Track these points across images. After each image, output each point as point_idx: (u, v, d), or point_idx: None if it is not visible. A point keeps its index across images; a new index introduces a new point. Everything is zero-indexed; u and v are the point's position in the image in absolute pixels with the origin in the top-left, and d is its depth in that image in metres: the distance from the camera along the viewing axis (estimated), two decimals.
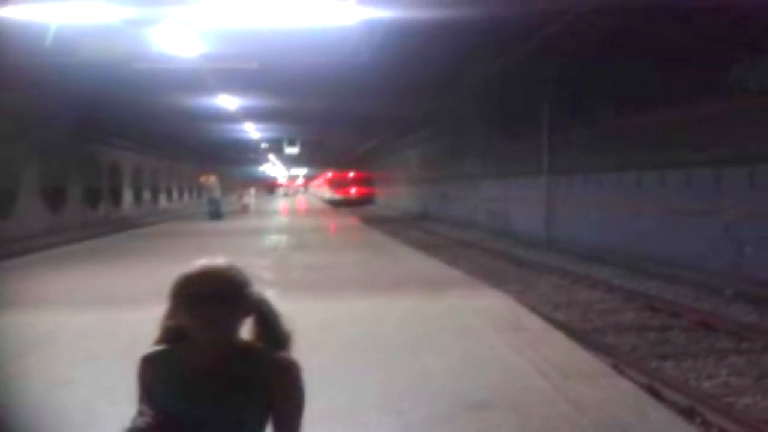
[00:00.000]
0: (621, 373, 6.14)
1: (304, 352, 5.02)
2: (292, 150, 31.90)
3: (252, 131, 29.80)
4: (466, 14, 10.80)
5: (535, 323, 5.93)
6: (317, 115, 23.27)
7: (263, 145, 36.64)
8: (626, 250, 13.64)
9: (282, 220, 25.34)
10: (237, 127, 27.86)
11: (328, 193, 54.47)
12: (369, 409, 3.81)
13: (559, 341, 5.25)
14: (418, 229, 26.14)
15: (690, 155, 11.65)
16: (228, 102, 20.91)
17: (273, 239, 15.95)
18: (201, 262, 1.70)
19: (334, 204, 45.55)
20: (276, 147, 34.95)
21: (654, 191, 12.87)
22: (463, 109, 23.78)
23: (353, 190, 50.84)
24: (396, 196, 43.45)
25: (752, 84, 10.02)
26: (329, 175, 57.52)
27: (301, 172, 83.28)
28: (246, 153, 41.74)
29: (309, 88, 17.44)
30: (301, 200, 56.01)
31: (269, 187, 74.70)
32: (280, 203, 45.95)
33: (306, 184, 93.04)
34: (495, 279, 12.24)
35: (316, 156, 50.74)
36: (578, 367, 4.47)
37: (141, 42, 11.71)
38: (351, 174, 52.18)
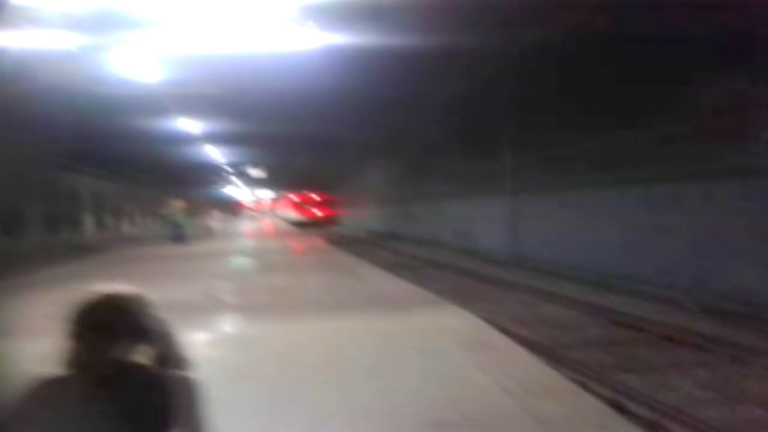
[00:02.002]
0: (586, 388, 6.17)
1: (266, 374, 4.99)
2: (257, 172, 31.74)
3: (216, 154, 29.59)
4: (426, 40, 10.92)
5: (500, 341, 5.92)
6: (282, 138, 23.22)
7: (228, 168, 36.40)
8: (591, 266, 13.79)
9: (247, 242, 25.09)
10: (201, 150, 27.64)
11: (293, 214, 54.86)
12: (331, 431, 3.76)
13: (523, 358, 5.24)
14: (384, 249, 26.10)
15: (650, 173, 11.86)
16: (191, 126, 20.76)
17: (238, 262, 15.77)
18: (99, 287, 1.73)
19: (300, 225, 45.96)
20: (241, 170, 34.74)
21: (616, 208, 13.07)
22: (428, 130, 23.94)
23: (317, 212, 51.83)
24: (363, 216, 43.47)
25: (708, 105, 10.28)
26: (294, 197, 57.97)
27: (267, 194, 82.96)
28: (210, 176, 41.41)
29: (272, 112, 17.41)
30: (267, 222, 55.61)
31: (234, 209, 74.10)
32: (246, 226, 45.58)
33: (272, 207, 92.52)
34: (461, 297, 12.23)
35: (281, 178, 50.74)
36: (543, 384, 4.46)
37: (100, 67, 11.58)
38: (315, 196, 52.71)
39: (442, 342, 5.86)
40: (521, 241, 17.54)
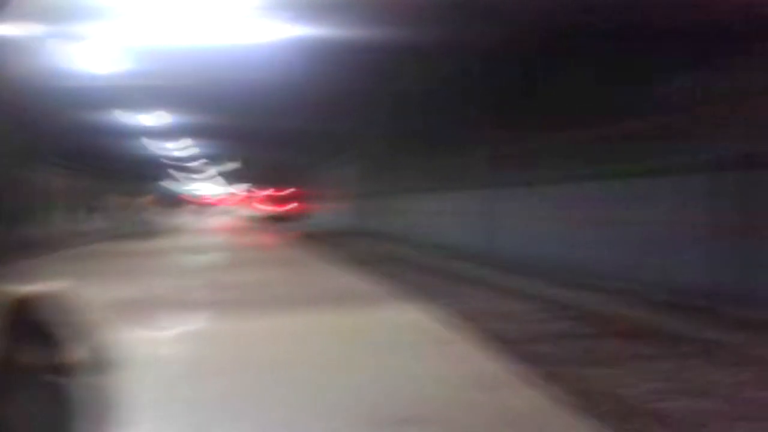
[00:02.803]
0: (552, 382, 6.19)
1: (229, 371, 4.92)
2: (226, 167, 31.41)
3: (185, 148, 29.20)
4: (397, 32, 10.86)
5: (464, 336, 5.91)
6: (251, 131, 22.98)
7: (197, 162, 35.97)
8: (560, 261, 13.89)
9: (217, 238, 24.85)
10: (169, 144, 27.24)
11: (263, 209, 54.66)
12: (292, 429, 3.70)
13: (484, 353, 5.24)
14: (354, 245, 25.99)
15: (618, 168, 11.98)
16: (159, 118, 20.43)
17: (206, 258, 15.59)
18: (33, 287, 1.68)
19: (269, 220, 45.96)
20: (210, 164, 34.34)
21: (585, 203, 13.17)
22: (400, 124, 23.89)
23: (287, 207, 51.40)
24: (334, 211, 43.27)
25: (674, 102, 10.41)
26: (265, 192, 57.79)
27: (238, 188, 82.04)
28: (179, 170, 40.89)
29: (241, 104, 17.20)
30: (237, 218, 55.15)
31: (202, 204, 73.23)
32: (215, 221, 45.13)
33: (242, 202, 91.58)
34: (430, 293, 12.22)
35: (251, 173, 50.30)
36: (507, 378, 4.45)
37: (60, 59, 11.32)
38: (285, 192, 52.82)
39: (407, 337, 5.84)
40: (491, 236, 17.60)
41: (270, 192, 56.90)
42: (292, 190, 53.92)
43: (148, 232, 24.33)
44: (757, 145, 8.86)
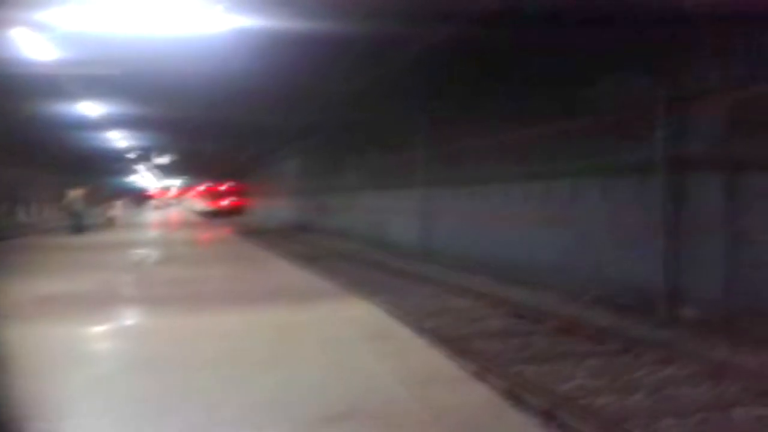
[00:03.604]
0: (484, 378, 6.27)
1: (159, 369, 4.79)
2: (163, 160, 30.69)
3: (119, 140, 28.36)
4: (339, 26, 10.78)
5: (401, 332, 5.93)
6: (189, 124, 22.46)
7: (132, 155, 35.02)
8: (497, 259, 14.10)
9: (152, 233, 24.26)
10: (103, 135, 26.41)
11: (201, 204, 54.06)
12: (222, 426, 3.63)
13: (422, 349, 5.26)
14: (295, 241, 25.87)
15: (553, 168, 12.23)
16: (91, 109, 19.77)
17: (140, 253, 15.19)
18: None
19: (208, 215, 45.73)
20: (145, 157, 33.47)
21: (520, 202, 13.41)
22: (342, 120, 23.82)
23: (226, 202, 51.45)
24: (275, 207, 42.90)
25: (605, 104, 10.67)
26: (203, 187, 57.21)
27: (175, 183, 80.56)
28: (113, 163, 39.72)
29: (179, 96, 16.80)
30: (175, 212, 54.10)
31: (140, 198, 71.42)
32: (152, 216, 44.13)
33: (180, 196, 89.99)
34: (369, 289, 12.24)
35: (189, 166, 49.49)
36: (439, 374, 4.48)
37: None
38: (224, 186, 52.71)
39: (343, 333, 5.81)
40: (432, 233, 17.74)
41: (209, 186, 56.36)
42: (231, 184, 53.48)
43: (85, 225, 23.56)
44: (687, 146, 9.18)
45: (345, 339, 5.61)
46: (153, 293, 8.86)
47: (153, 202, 72.42)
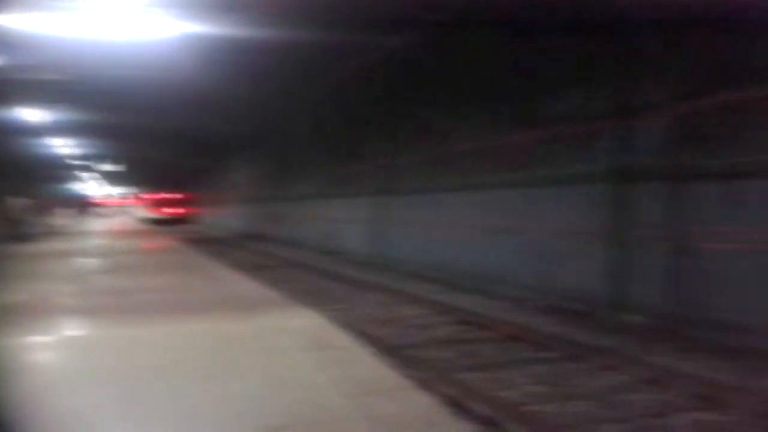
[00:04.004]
0: (428, 386, 6.24)
1: (96, 381, 4.61)
2: (109, 167, 29.95)
3: (63, 147, 27.59)
4: (290, 35, 10.72)
5: (344, 341, 5.85)
6: (137, 131, 22.04)
7: (76, 162, 34.12)
8: (448, 267, 14.15)
9: (98, 242, 23.61)
10: (46, 142, 25.67)
11: (149, 213, 53.81)
12: None
13: (365, 358, 5.20)
14: (245, 250, 25.52)
15: (502, 178, 12.35)
16: (34, 115, 19.19)
17: (83, 263, 14.76)
18: None
19: (156, 223, 45.42)
20: (93, 165, 32.64)
21: (471, 211, 13.49)
22: (294, 129, 23.69)
23: (174, 210, 51.77)
24: (227, 215, 42.37)
25: (556, 116, 10.84)
26: (155, 195, 56.94)
27: (122, 191, 79.38)
28: (57, 170, 38.65)
29: (125, 103, 16.46)
30: (122, 221, 52.88)
31: (85, 206, 69.67)
32: (99, 224, 43.05)
33: (127, 204, 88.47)
34: (318, 298, 12.15)
35: (137, 175, 48.68)
36: (381, 384, 4.42)
37: None
38: (171, 195, 53.14)
39: (285, 343, 5.70)
40: (384, 242, 17.71)
41: (160, 195, 56.02)
42: (182, 193, 53.32)
43: (29, 235, 22.80)
44: (633, 157, 9.36)
45: (287, 349, 5.51)
46: (92, 303, 8.59)
47: (99, 210, 70.75)
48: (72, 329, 7.06)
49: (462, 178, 13.81)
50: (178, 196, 53.55)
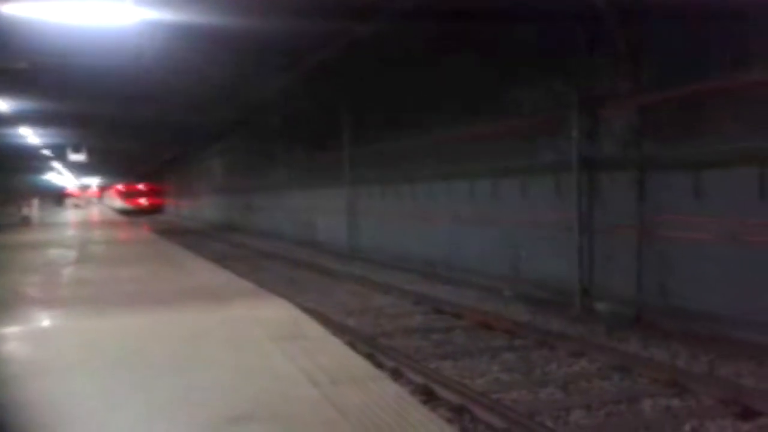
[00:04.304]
0: (401, 375, 6.27)
1: (58, 373, 4.54)
2: (78, 157, 29.43)
3: (31, 136, 27.04)
4: (254, 23, 10.58)
5: (316, 331, 5.82)
6: (103, 120, 21.62)
7: (46, 152, 33.48)
8: (422, 257, 14.18)
9: (68, 232, 23.27)
10: (13, 131, 25.13)
11: (120, 203, 54.11)
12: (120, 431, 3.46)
13: (336, 348, 5.17)
14: (219, 241, 25.36)
15: (474, 168, 12.38)
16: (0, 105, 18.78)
17: (52, 253, 14.54)
18: None
19: (126, 213, 46.35)
20: (60, 154, 32.06)
21: (444, 201, 13.52)
22: (267, 119, 23.50)
23: (144, 201, 53.46)
24: (200, 206, 42.02)
25: (524, 106, 10.88)
26: (121, 186, 58.25)
27: (94, 181, 78.57)
28: (27, 160, 37.93)
29: (90, 91, 16.12)
30: (94, 211, 52.20)
31: (58, 197, 68.68)
32: (70, 215, 42.42)
33: (100, 194, 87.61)
34: (292, 289, 12.12)
35: (109, 164, 48.16)
36: (351, 373, 4.41)
37: None
38: (141, 186, 55.19)
39: (255, 334, 5.66)
40: (359, 232, 17.70)
41: (127, 185, 56.86)
42: (147, 184, 53.92)
43: (2, 226, 22.41)
44: (599, 147, 9.44)
45: (255, 339, 5.47)
46: (62, 295, 8.47)
47: (72, 201, 69.82)
48: (39, 320, 6.95)
49: (433, 168, 13.82)
50: (149, 187, 54.86)
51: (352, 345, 6.49)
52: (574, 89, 9.58)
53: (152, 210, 52.01)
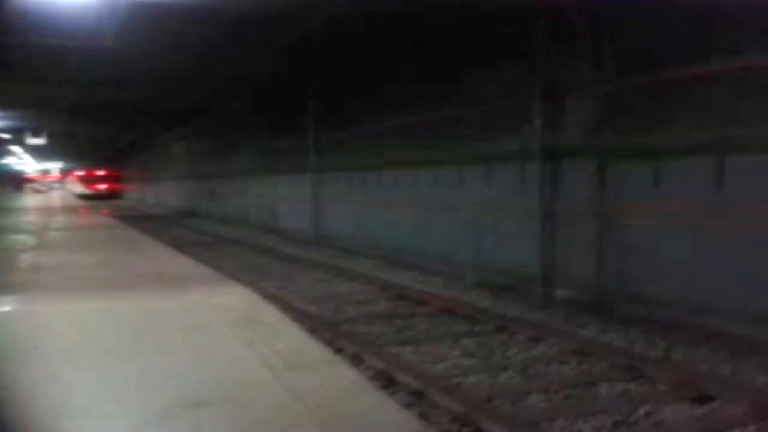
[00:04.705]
0: (360, 360, 6.26)
1: (9, 358, 4.42)
2: (37, 141, 28.75)
3: None
4: (219, 2, 10.41)
5: (276, 318, 5.79)
6: (62, 103, 21.10)
7: (3, 135, 32.61)
8: (387, 244, 14.18)
9: (26, 218, 22.75)
10: None
11: (80, 188, 58.44)
12: (71, 416, 3.40)
13: (293, 334, 5.15)
14: (182, 227, 25.05)
15: (438, 155, 12.40)
16: None
17: (9, 239, 14.21)
18: None
19: (85, 198, 47.99)
20: (19, 138, 31.28)
21: (409, 188, 13.52)
22: (232, 104, 23.22)
23: (104, 186, 55.50)
24: (164, 192, 41.41)
25: (489, 94, 10.89)
26: (82, 170, 62.29)
27: (55, 166, 77.29)
28: None
29: (47, 72, 15.69)
30: (55, 197, 51.25)
31: (18, 181, 67.23)
32: (30, 200, 41.54)
33: (62, 179, 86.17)
34: (254, 275, 12.03)
35: (71, 149, 47.26)
36: (307, 358, 4.39)
37: None
38: (100, 172, 57.41)
39: (213, 320, 5.61)
40: (324, 219, 17.62)
41: (87, 171, 58.56)
42: (114, 170, 55.40)
43: None
44: (562, 135, 9.51)
45: (213, 325, 5.42)
46: (19, 280, 8.27)
47: (34, 186, 68.51)
48: None
49: (397, 155, 13.80)
50: (108, 172, 56.84)
51: (314, 331, 6.48)
52: (536, 77, 9.62)
53: (111, 195, 53.77)
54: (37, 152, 47.39)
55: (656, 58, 8.02)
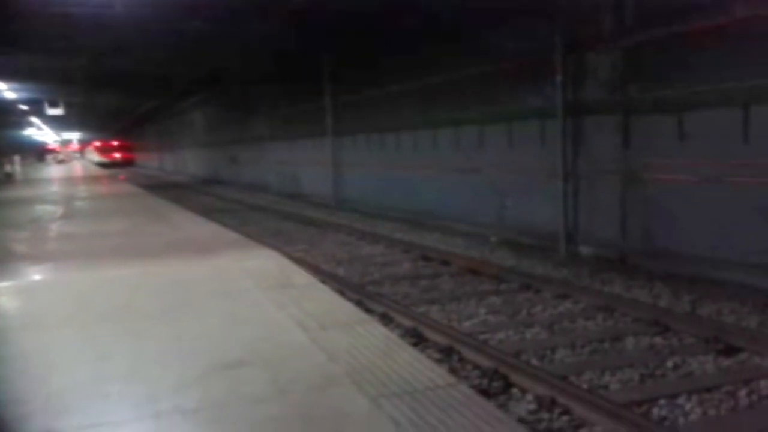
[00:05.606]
0: (390, 320, 6.37)
1: (48, 325, 4.57)
2: (55, 111, 28.90)
3: (6, 91, 26.46)
4: None
5: (303, 280, 5.88)
6: (77, 73, 21.10)
7: (23, 107, 32.83)
8: (408, 206, 14.23)
9: (52, 188, 23.08)
10: None
11: (97, 157, 64.08)
12: (112, 380, 3.51)
13: (324, 295, 5.25)
14: (205, 194, 25.27)
15: (459, 115, 12.33)
16: None
17: (37, 210, 14.45)
18: None
19: (103, 166, 53.20)
20: (37, 109, 31.49)
21: (429, 150, 13.49)
22: (249, 69, 23.13)
23: (117, 155, 61.65)
24: (184, 160, 41.66)
25: (511, 50, 10.75)
26: (98, 142, 67.90)
27: (74, 136, 78.34)
28: (5, 115, 37.22)
29: (61, 43, 15.67)
30: (77, 166, 51.80)
31: (40, 152, 68.10)
32: (53, 170, 42.06)
33: (81, 149, 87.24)
34: (280, 240, 12.17)
35: (89, 119, 47.56)
36: (338, 318, 4.48)
37: None
38: (115, 142, 63.94)
39: (244, 284, 5.71)
40: (345, 183, 17.68)
41: (103, 141, 62.44)
42: (121, 140, 62.60)
43: None
44: (584, 91, 9.40)
45: (244, 289, 5.52)
46: (45, 249, 8.48)
47: (55, 156, 69.41)
48: (29, 275, 6.95)
49: (419, 116, 13.74)
50: (123, 142, 62.81)
51: (341, 293, 6.57)
52: (557, 32, 9.48)
53: (125, 163, 59.56)
54: (56, 123, 47.75)
55: (679, 8, 7.86)
